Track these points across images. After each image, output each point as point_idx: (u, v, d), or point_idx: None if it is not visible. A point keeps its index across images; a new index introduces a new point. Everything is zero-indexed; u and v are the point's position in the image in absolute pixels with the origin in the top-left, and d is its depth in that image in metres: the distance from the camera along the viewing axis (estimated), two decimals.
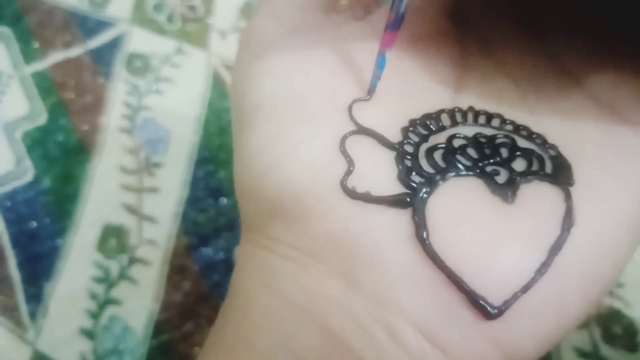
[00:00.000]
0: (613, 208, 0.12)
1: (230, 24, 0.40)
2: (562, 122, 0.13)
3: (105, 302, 0.30)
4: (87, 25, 0.39)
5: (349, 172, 0.12)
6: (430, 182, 0.12)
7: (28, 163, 0.34)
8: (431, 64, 0.15)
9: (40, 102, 0.36)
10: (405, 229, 0.11)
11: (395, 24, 0.13)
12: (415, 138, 0.13)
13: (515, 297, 0.11)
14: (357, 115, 0.13)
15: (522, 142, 0.13)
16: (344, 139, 0.13)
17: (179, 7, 0.40)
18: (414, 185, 0.12)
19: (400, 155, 0.13)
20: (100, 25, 0.39)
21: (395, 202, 0.12)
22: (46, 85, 0.37)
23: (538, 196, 0.12)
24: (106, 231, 0.32)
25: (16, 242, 0.32)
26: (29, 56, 0.38)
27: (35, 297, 0.31)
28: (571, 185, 0.12)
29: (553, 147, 0.13)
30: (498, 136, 0.13)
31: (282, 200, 0.12)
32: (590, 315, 0.30)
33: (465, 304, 0.11)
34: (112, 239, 0.32)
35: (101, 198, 0.33)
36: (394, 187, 0.12)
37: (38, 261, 0.32)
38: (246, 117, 0.14)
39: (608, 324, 0.30)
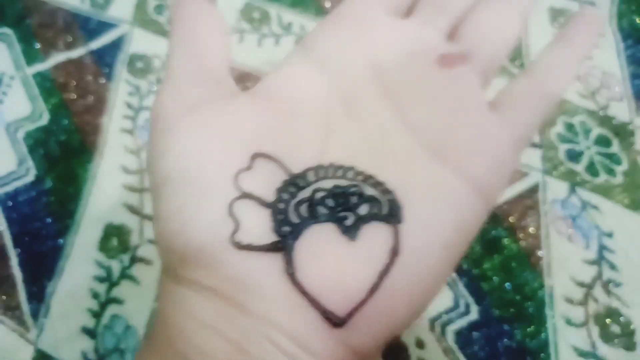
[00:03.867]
0: (436, 238, 0.16)
1: (230, 25, 0.40)
2: (402, 172, 0.17)
3: (107, 301, 0.31)
4: (89, 27, 0.40)
5: (236, 230, 0.16)
6: (296, 230, 0.16)
7: (30, 163, 0.35)
8: (299, 127, 0.18)
9: (42, 102, 0.37)
10: (279, 268, 0.16)
11: None
12: (286, 196, 0.17)
13: (354, 311, 0.15)
14: (241, 183, 0.17)
15: (368, 190, 0.17)
16: (231, 204, 0.16)
17: None
18: (284, 234, 0.16)
19: (274, 212, 0.16)
20: (102, 26, 0.40)
21: (271, 248, 0.16)
22: (48, 85, 0.37)
23: (374, 233, 0.16)
24: (108, 231, 0.32)
25: (18, 241, 0.33)
26: (30, 57, 0.38)
27: (37, 296, 0.31)
28: (399, 222, 0.16)
29: (390, 192, 0.17)
30: (350, 187, 0.17)
31: (188, 255, 0.16)
32: (589, 315, 0.30)
33: (321, 318, 0.15)
34: (114, 239, 0.32)
35: (103, 198, 0.34)
36: (271, 237, 0.16)
37: (40, 261, 0.32)
38: (157, 189, 0.17)
39: (606, 323, 0.30)
